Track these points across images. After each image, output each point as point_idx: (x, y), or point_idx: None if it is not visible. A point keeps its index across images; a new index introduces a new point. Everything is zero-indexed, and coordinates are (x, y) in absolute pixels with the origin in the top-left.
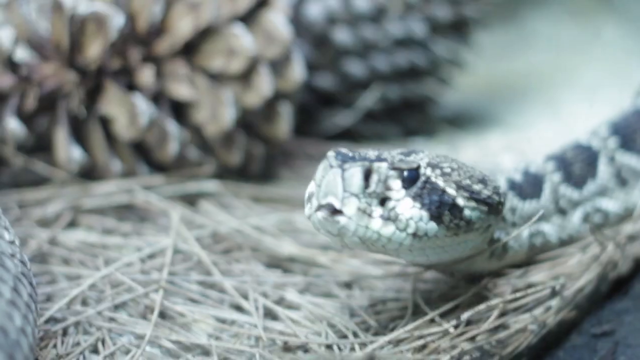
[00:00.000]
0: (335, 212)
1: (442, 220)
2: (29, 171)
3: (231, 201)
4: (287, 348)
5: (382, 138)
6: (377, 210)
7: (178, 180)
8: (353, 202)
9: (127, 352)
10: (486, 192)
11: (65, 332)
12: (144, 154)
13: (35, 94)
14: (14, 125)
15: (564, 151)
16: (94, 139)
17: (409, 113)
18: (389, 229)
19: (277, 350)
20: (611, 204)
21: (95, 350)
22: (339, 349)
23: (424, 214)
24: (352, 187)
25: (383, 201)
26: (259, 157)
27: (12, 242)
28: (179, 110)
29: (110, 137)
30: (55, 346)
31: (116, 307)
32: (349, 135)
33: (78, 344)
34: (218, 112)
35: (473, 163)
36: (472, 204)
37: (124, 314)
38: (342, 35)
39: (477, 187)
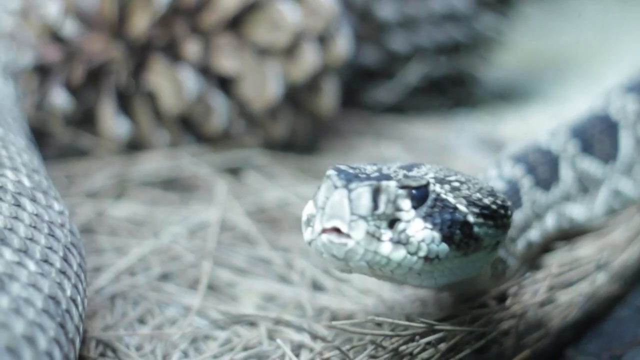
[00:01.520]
0: (340, 234)
1: (454, 240)
2: (75, 144)
3: (277, 173)
4: (334, 319)
5: (426, 112)
6: (387, 234)
7: (224, 153)
8: (361, 226)
9: (175, 322)
10: (495, 206)
11: (113, 303)
12: (190, 127)
13: (82, 68)
14: (61, 98)
15: (526, 154)
16: (140, 112)
17: (452, 88)
18: (399, 254)
19: (324, 320)
20: (575, 211)
21: (143, 321)
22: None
23: (436, 235)
24: (359, 209)
25: (392, 223)
26: (304, 130)
27: (61, 212)
28: (225, 85)
29: (157, 111)
30: (103, 317)
31: (164, 278)
32: (393, 108)
33: (126, 314)
34: (264, 86)
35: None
36: (482, 220)
37: (172, 285)
38: (385, 11)
39: (487, 200)
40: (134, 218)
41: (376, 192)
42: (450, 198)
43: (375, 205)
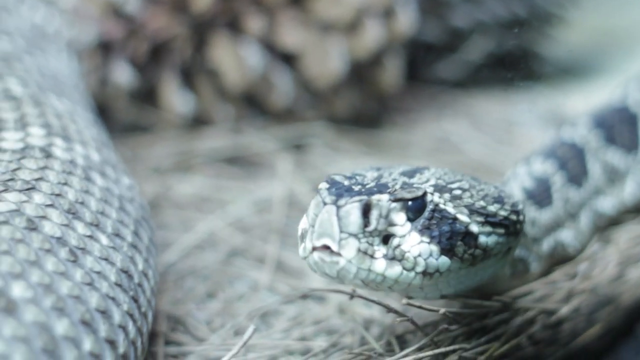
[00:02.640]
0: (332, 252)
1: (455, 252)
2: (139, 120)
3: (341, 147)
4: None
5: (490, 87)
6: (380, 250)
7: (288, 128)
8: (352, 244)
9: (243, 297)
10: (503, 213)
11: (181, 278)
12: (253, 102)
13: (146, 44)
14: (125, 75)
15: (554, 148)
16: (203, 88)
17: (516, 64)
18: (394, 270)
19: (394, 296)
20: (605, 204)
21: (212, 296)
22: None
23: (434, 248)
24: (349, 227)
25: (386, 238)
26: (368, 106)
27: (131, 187)
28: (288, 60)
29: (220, 87)
30: (173, 291)
31: (232, 253)
32: (457, 84)
33: (195, 289)
34: (327, 63)
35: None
36: (488, 228)
37: (240, 259)
38: None
39: (492, 208)
40: (200, 193)
41: (367, 208)
42: (449, 208)
43: (367, 221)
